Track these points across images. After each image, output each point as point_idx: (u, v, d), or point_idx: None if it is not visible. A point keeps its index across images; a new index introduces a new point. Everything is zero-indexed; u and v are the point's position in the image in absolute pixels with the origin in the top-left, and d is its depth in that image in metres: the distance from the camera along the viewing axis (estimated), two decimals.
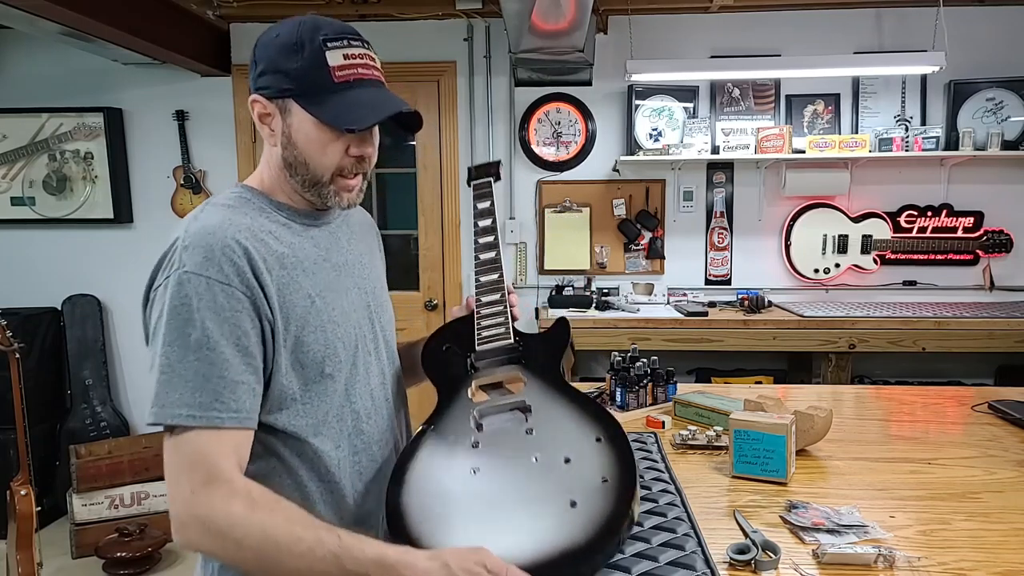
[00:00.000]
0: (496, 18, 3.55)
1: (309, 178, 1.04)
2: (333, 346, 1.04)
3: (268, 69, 1.02)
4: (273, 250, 1.00)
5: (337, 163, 1.04)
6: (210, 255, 0.93)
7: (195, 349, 0.91)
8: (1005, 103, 3.46)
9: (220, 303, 0.92)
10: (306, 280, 1.03)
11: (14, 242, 3.84)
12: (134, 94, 3.76)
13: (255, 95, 1.04)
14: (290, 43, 1.00)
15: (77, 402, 3.75)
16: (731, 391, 1.90)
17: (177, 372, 0.90)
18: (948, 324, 3.14)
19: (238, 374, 0.93)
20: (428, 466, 1.02)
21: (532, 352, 1.21)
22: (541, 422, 1.06)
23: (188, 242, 0.94)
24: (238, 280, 0.94)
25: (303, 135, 1.02)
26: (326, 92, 1.00)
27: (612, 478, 0.95)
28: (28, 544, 2.47)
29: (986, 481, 1.40)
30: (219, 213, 1.00)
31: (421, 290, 3.84)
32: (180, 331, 0.91)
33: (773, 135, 3.38)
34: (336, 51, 1.00)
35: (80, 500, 3.24)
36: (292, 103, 1.01)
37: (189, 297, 0.91)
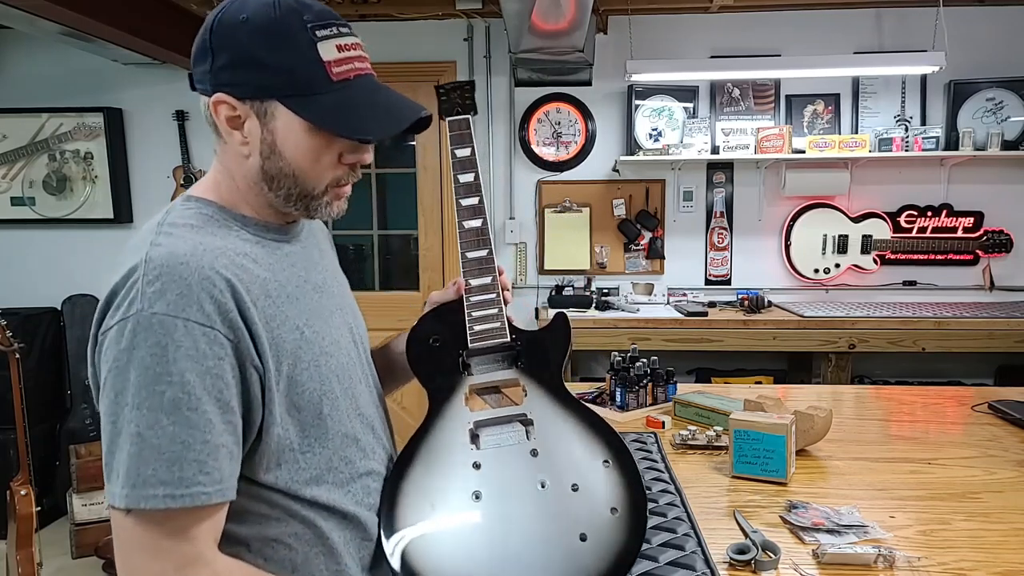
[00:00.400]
0: (496, 18, 3.55)
1: (297, 191, 0.88)
2: (328, 382, 0.91)
3: (238, 61, 0.83)
4: (255, 276, 0.85)
5: (332, 173, 0.89)
6: (186, 291, 0.76)
7: (171, 410, 0.74)
8: (1005, 103, 3.46)
9: (202, 350, 0.76)
10: (292, 309, 0.89)
11: (14, 242, 3.84)
12: (134, 94, 3.76)
13: (221, 94, 0.84)
14: (269, 29, 0.82)
15: (77, 402, 3.75)
16: (731, 391, 1.90)
17: (149, 442, 0.73)
18: (948, 324, 3.14)
19: (219, 435, 0.77)
20: (426, 489, 0.94)
21: (531, 353, 1.11)
22: (545, 441, 0.98)
23: (155, 274, 0.76)
24: (220, 321, 0.78)
25: (292, 143, 0.85)
26: (320, 93, 0.84)
27: (622, 508, 0.92)
28: (28, 544, 2.47)
29: (986, 481, 1.40)
30: (186, 236, 0.82)
31: (421, 290, 3.83)
32: (150, 389, 0.74)
33: (773, 135, 3.38)
34: (328, 42, 0.84)
35: (80, 500, 3.24)
36: (277, 105, 0.84)
37: (162, 346, 0.74)
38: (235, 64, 0.83)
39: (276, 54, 0.82)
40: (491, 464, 0.96)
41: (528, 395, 1.05)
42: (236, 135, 0.86)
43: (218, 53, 0.83)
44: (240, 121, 0.85)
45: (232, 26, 0.83)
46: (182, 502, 0.74)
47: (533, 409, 1.03)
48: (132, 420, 0.74)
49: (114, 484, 0.75)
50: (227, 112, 0.85)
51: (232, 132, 0.86)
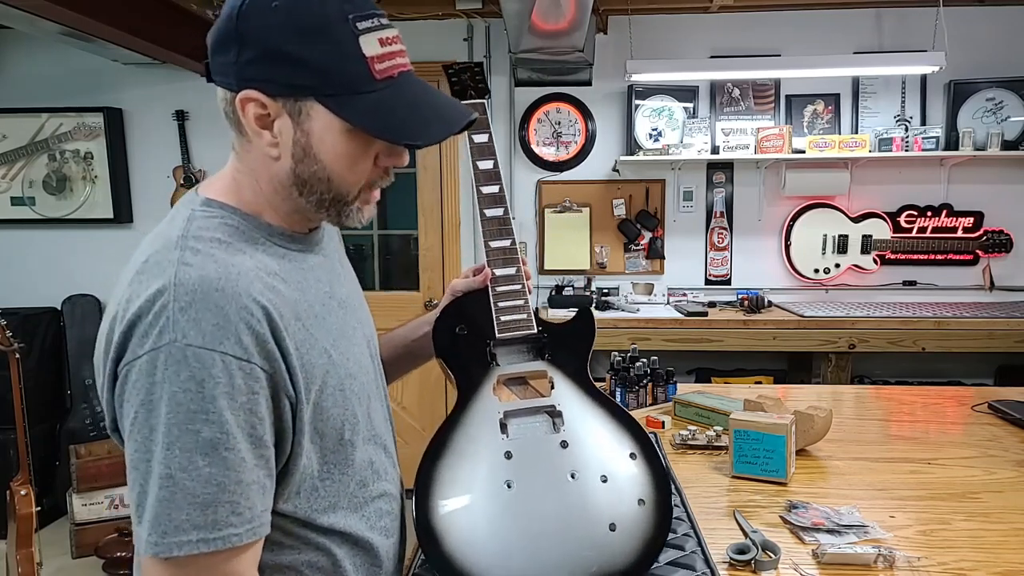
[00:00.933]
0: (496, 18, 3.55)
1: (331, 196, 0.81)
2: (351, 405, 0.85)
3: (271, 55, 0.74)
4: (285, 299, 0.78)
5: (367, 177, 0.82)
6: (223, 322, 0.70)
7: (207, 451, 0.69)
8: (1005, 103, 3.46)
9: (238, 386, 0.70)
10: (320, 330, 0.83)
11: (14, 242, 3.84)
12: (134, 94, 3.76)
13: (250, 91, 0.75)
14: (306, 20, 0.73)
15: (77, 402, 3.75)
16: (731, 391, 1.90)
17: (182, 485, 0.68)
18: (948, 324, 3.14)
19: (252, 472, 0.73)
20: (459, 477, 0.95)
21: (557, 346, 1.11)
22: (574, 432, 0.99)
23: (187, 300, 0.70)
24: (258, 353, 0.72)
25: (329, 146, 0.77)
26: (364, 92, 0.75)
27: (649, 500, 0.94)
28: (28, 544, 2.47)
29: (986, 481, 1.40)
30: (216, 254, 0.75)
31: (421, 290, 3.83)
32: (184, 427, 0.68)
33: (773, 135, 3.38)
34: (370, 35, 0.75)
35: (80, 500, 3.24)
36: (314, 105, 0.75)
37: (198, 381, 0.68)
38: (266, 58, 0.74)
39: (314, 48, 0.73)
40: (522, 454, 0.97)
41: (555, 387, 1.06)
42: (265, 135, 0.78)
43: (245, 44, 0.74)
44: (270, 120, 0.77)
45: (262, 13, 0.73)
46: (215, 545, 0.70)
47: (561, 401, 1.04)
48: (164, 461, 0.68)
49: (143, 529, 0.70)
50: (256, 110, 0.77)
51: (261, 132, 0.78)
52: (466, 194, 3.75)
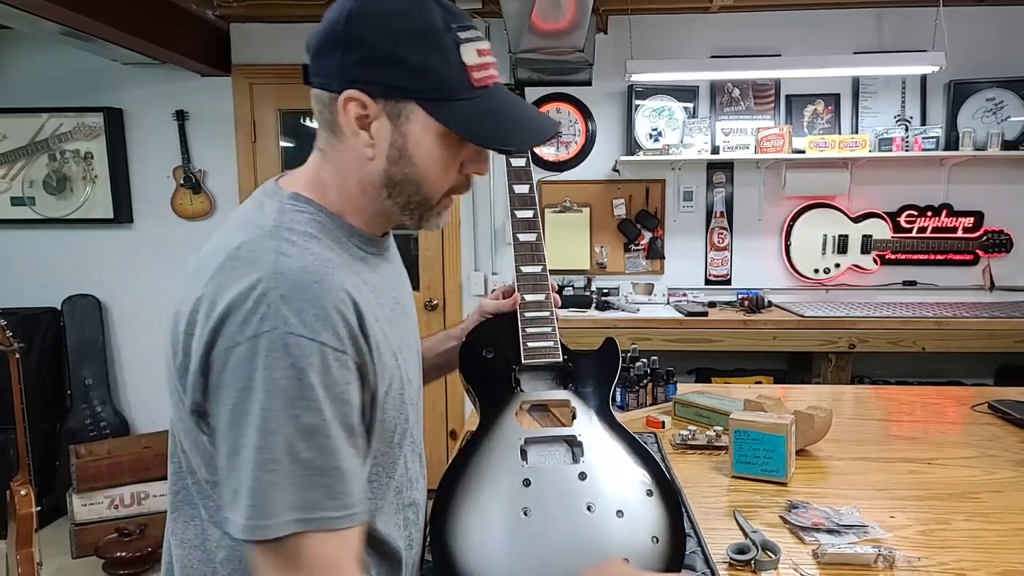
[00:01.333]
0: (496, 18, 3.55)
1: (418, 199, 0.83)
2: (405, 411, 0.87)
3: (379, 57, 0.76)
4: (368, 298, 0.80)
5: (452, 183, 0.85)
6: (322, 313, 0.72)
7: (306, 436, 0.70)
8: (1005, 103, 3.46)
9: (334, 375, 0.72)
10: (392, 333, 0.85)
11: (14, 242, 3.84)
12: (134, 94, 3.76)
13: (353, 90, 0.77)
14: (416, 26, 0.76)
15: (77, 402, 3.75)
16: (731, 391, 1.90)
17: (283, 468, 0.69)
18: (948, 324, 3.14)
19: (346, 460, 0.74)
20: (477, 501, 0.95)
21: (581, 375, 1.12)
22: (593, 465, 0.99)
23: (286, 290, 0.71)
24: (351, 345, 0.74)
25: (424, 149, 0.80)
26: (462, 99, 0.79)
27: (663, 539, 0.94)
28: (28, 544, 2.47)
29: (986, 481, 1.40)
30: (311, 248, 0.77)
31: (421, 290, 3.84)
32: (285, 413, 0.69)
33: (773, 135, 3.38)
34: (470, 45, 0.79)
35: (80, 500, 3.24)
36: (414, 108, 0.78)
37: (299, 368, 0.70)
38: (374, 60, 0.76)
39: (421, 53, 0.76)
40: (540, 482, 0.97)
41: (577, 417, 1.06)
42: (363, 135, 0.80)
43: (354, 46, 0.77)
44: (368, 121, 0.79)
45: (373, 18, 0.76)
46: (311, 526, 0.70)
47: (582, 432, 1.04)
48: (265, 446, 0.69)
49: (239, 513, 0.70)
50: (357, 111, 0.79)
51: (359, 132, 0.80)
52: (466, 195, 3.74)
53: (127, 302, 3.86)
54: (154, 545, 3.10)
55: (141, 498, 3.30)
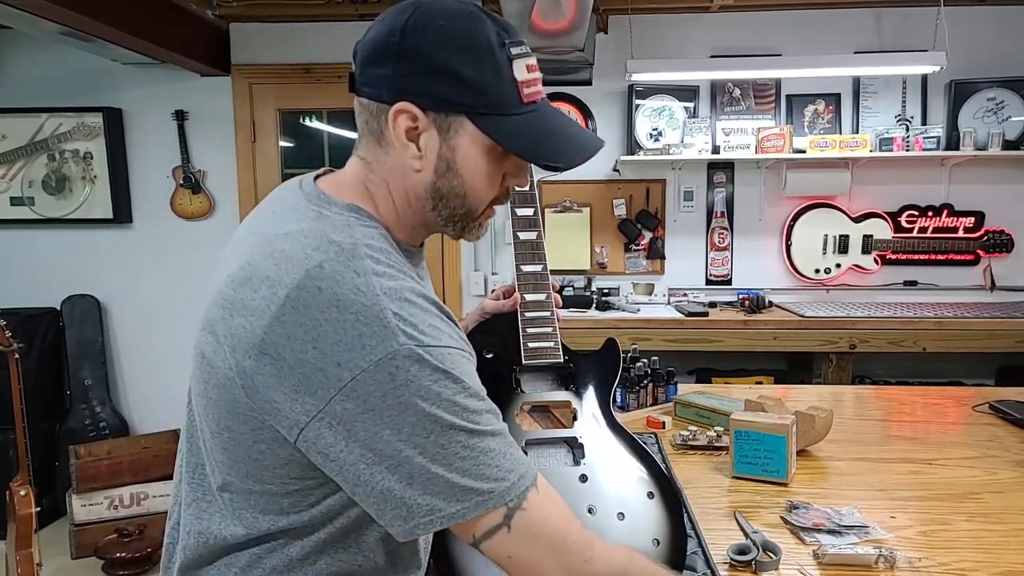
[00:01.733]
0: None
1: (463, 212, 0.84)
2: None
3: (433, 70, 0.76)
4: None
5: (494, 195, 0.86)
6: (434, 323, 0.75)
7: (476, 420, 0.75)
8: (1006, 103, 3.45)
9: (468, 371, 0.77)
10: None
11: (13, 242, 3.84)
12: (134, 94, 3.75)
13: (405, 103, 0.77)
14: (471, 41, 0.77)
15: (76, 402, 3.75)
16: (731, 391, 1.90)
17: (490, 447, 0.75)
18: (949, 324, 3.13)
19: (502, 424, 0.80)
20: None
21: (582, 376, 1.11)
22: (594, 467, 0.99)
23: (398, 308, 0.72)
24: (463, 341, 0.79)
25: (472, 162, 0.80)
26: (513, 114, 0.80)
27: (664, 540, 0.94)
28: (27, 544, 2.47)
29: (987, 481, 1.40)
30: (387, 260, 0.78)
31: None
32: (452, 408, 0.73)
33: (773, 135, 3.38)
34: (521, 60, 0.80)
35: (79, 500, 3.24)
36: (464, 122, 0.78)
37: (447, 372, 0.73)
38: (428, 72, 0.77)
39: (475, 68, 0.77)
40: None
41: (578, 419, 1.05)
42: (411, 148, 0.79)
43: (407, 58, 0.77)
44: (417, 133, 0.79)
45: (430, 32, 0.76)
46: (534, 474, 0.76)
47: (583, 433, 1.03)
48: (444, 444, 0.72)
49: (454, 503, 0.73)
50: (407, 123, 0.78)
51: (408, 144, 0.79)
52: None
53: (127, 302, 3.86)
54: (154, 546, 3.10)
55: (141, 499, 3.30)
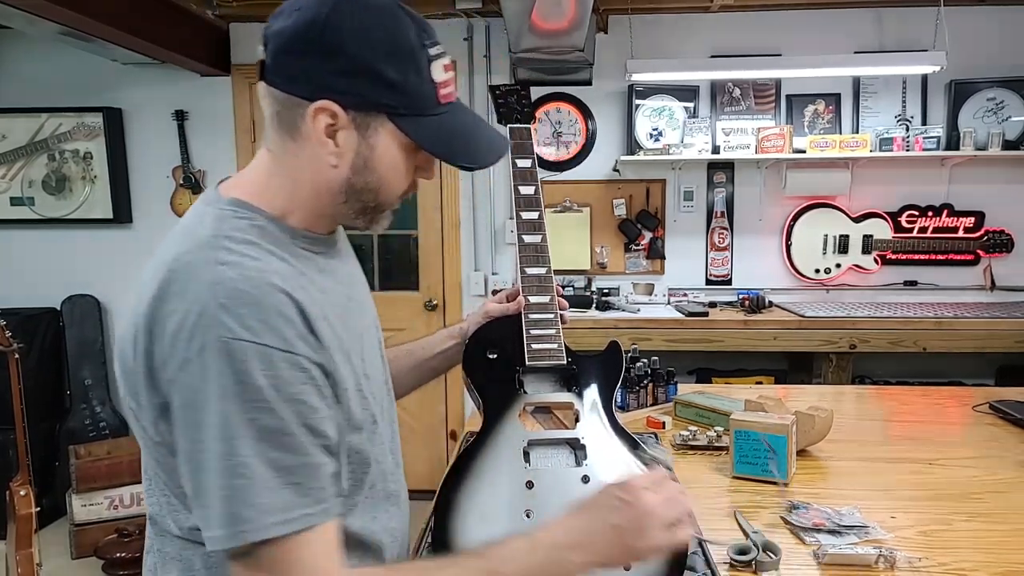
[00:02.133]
0: (496, 18, 3.55)
1: (375, 205, 0.85)
2: (369, 407, 0.88)
3: (358, 70, 0.76)
4: (314, 298, 0.80)
5: (406, 189, 0.87)
6: (264, 317, 0.72)
7: (267, 437, 0.71)
8: (1006, 103, 3.45)
9: (284, 377, 0.72)
10: (344, 332, 0.85)
11: (13, 242, 3.84)
12: (134, 94, 3.75)
13: (326, 101, 0.77)
14: (394, 41, 0.77)
15: (76, 402, 3.75)
16: (732, 391, 1.90)
17: (253, 472, 0.70)
18: (949, 324, 3.13)
19: (315, 456, 0.75)
20: (480, 504, 0.95)
21: (585, 378, 1.11)
22: (596, 468, 0.99)
23: (226, 298, 0.71)
24: (302, 345, 0.75)
25: (388, 160, 0.81)
26: (430, 115, 0.81)
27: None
28: (27, 544, 2.47)
29: (987, 481, 1.40)
30: (252, 253, 0.77)
31: (421, 290, 3.83)
32: (243, 417, 0.70)
33: (774, 135, 3.38)
34: (439, 61, 0.81)
35: (79, 500, 3.24)
36: (384, 121, 0.79)
37: (248, 373, 0.70)
38: (352, 72, 0.76)
39: (399, 69, 0.77)
40: (543, 485, 0.96)
41: (580, 420, 1.06)
42: (329, 144, 0.79)
43: (332, 55, 0.76)
44: (335, 130, 0.79)
45: (354, 30, 0.76)
46: (294, 527, 0.71)
47: (586, 435, 1.03)
48: (228, 454, 0.70)
49: (213, 525, 0.71)
50: (327, 120, 0.78)
51: (325, 142, 0.79)
52: (466, 195, 3.75)
53: (126, 302, 3.83)
54: None
55: (140, 499, 3.30)
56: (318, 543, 0.74)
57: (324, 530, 0.74)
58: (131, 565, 3.07)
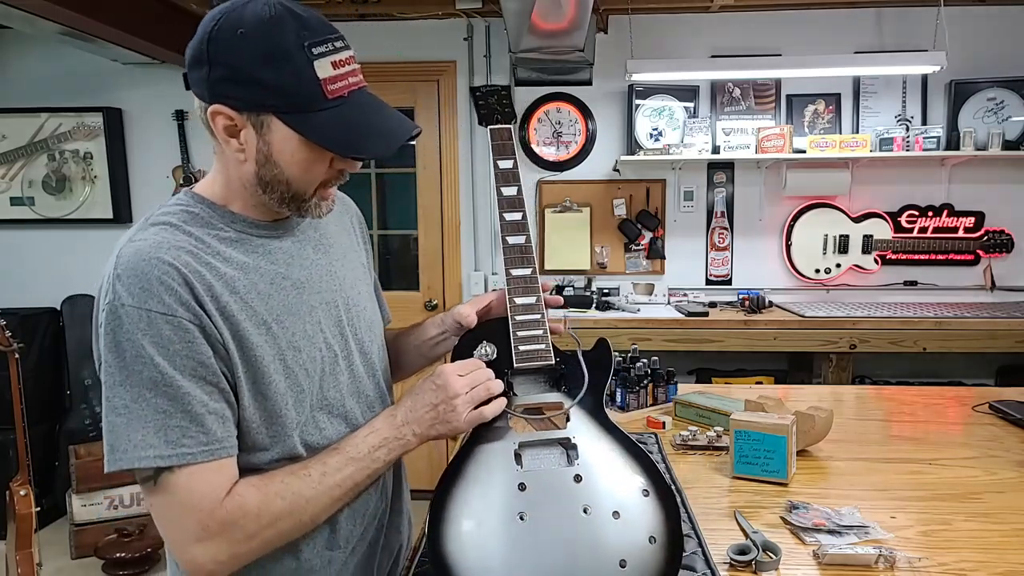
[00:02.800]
0: (496, 18, 3.55)
1: (290, 195, 0.93)
2: (294, 375, 0.95)
3: (237, 77, 0.85)
4: (220, 273, 0.90)
5: (323, 178, 0.94)
6: (147, 285, 0.83)
7: (150, 387, 0.83)
8: (1006, 103, 3.45)
9: (167, 336, 0.84)
10: (260, 304, 0.93)
11: (13, 242, 3.84)
12: (134, 94, 3.76)
13: (219, 105, 0.87)
14: (267, 47, 0.84)
15: (76, 402, 3.75)
16: (732, 391, 1.90)
17: (135, 413, 0.83)
18: (949, 324, 3.13)
19: (202, 405, 0.85)
20: (472, 507, 0.96)
21: (574, 377, 1.11)
22: (588, 467, 0.99)
23: (120, 270, 0.84)
24: (182, 309, 0.85)
25: (288, 154, 0.89)
26: (317, 110, 0.87)
27: (660, 538, 0.93)
28: (27, 544, 2.47)
29: (987, 482, 1.40)
30: (156, 234, 0.89)
31: (421, 290, 3.83)
32: (129, 369, 0.83)
33: (774, 135, 3.38)
34: (324, 59, 0.86)
35: (79, 500, 3.24)
36: (273, 119, 0.87)
37: (132, 333, 0.83)
38: (233, 79, 0.85)
39: (274, 73, 0.84)
40: (536, 486, 0.96)
41: (571, 419, 1.05)
42: (233, 142, 0.90)
43: (215, 65, 0.85)
44: (237, 130, 0.89)
45: (229, 40, 0.84)
46: (171, 461, 0.83)
47: (577, 434, 1.03)
48: (120, 396, 0.83)
49: (110, 454, 0.84)
50: (224, 122, 0.88)
51: (229, 140, 0.90)
52: (466, 194, 3.75)
53: None
54: (153, 545, 3.10)
55: (140, 498, 3.30)
56: (202, 477, 0.85)
57: (211, 467, 0.86)
58: (131, 565, 3.07)
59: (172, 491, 0.84)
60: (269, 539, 0.90)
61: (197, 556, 0.86)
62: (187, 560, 0.86)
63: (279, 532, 0.90)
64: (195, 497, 0.85)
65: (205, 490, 0.85)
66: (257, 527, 0.88)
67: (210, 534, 0.85)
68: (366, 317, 1.11)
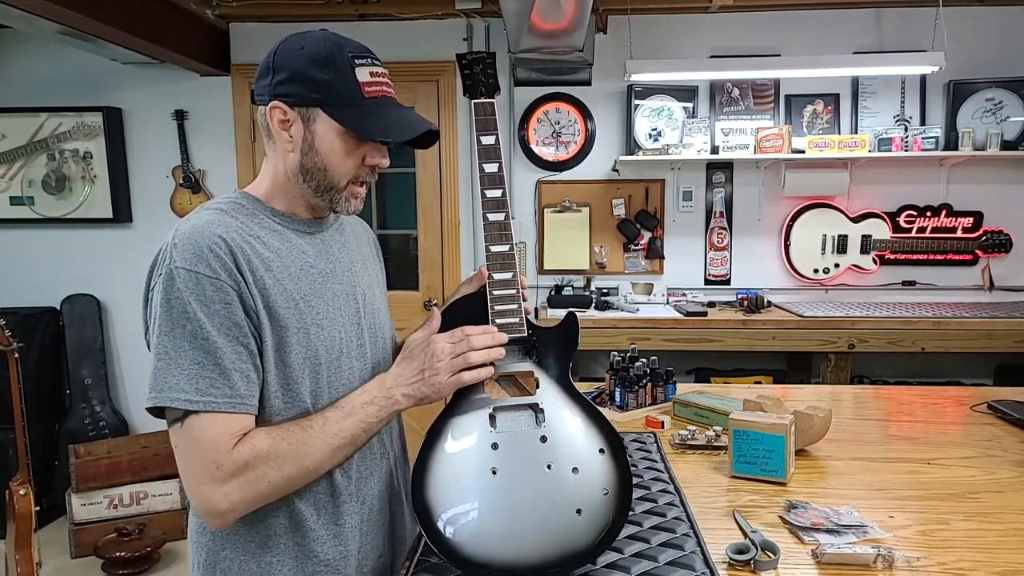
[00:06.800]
0: (496, 18, 3.55)
1: (325, 183, 1.09)
2: (314, 348, 1.07)
3: (293, 78, 1.05)
4: (259, 253, 1.04)
5: (354, 172, 1.09)
6: (199, 251, 0.98)
7: (190, 339, 0.96)
8: (1004, 103, 3.46)
9: (210, 296, 0.97)
10: (291, 284, 1.06)
11: (13, 242, 3.84)
12: (133, 94, 3.76)
13: (276, 102, 1.06)
14: (319, 55, 1.04)
15: (76, 402, 3.75)
16: (730, 391, 1.90)
17: (174, 360, 0.95)
18: (947, 324, 3.14)
19: (232, 362, 0.97)
20: (452, 461, 1.07)
21: (544, 348, 1.20)
22: (553, 428, 1.10)
23: (178, 240, 0.99)
24: (225, 275, 0.98)
25: (327, 143, 1.06)
26: (355, 105, 1.05)
27: (612, 490, 1.05)
28: (27, 544, 2.47)
29: (985, 481, 1.40)
30: (210, 215, 1.04)
31: (420, 290, 3.83)
32: (175, 322, 0.96)
33: (772, 135, 3.38)
34: (363, 68, 1.06)
35: (79, 500, 3.24)
36: (319, 112, 1.05)
37: (180, 291, 0.96)
38: (291, 79, 1.05)
39: (324, 73, 1.04)
40: (507, 445, 1.08)
41: (540, 386, 1.15)
42: (284, 135, 1.07)
43: (278, 71, 1.06)
44: (288, 124, 1.07)
45: (291, 53, 1.06)
46: (198, 406, 0.95)
47: (544, 399, 1.13)
48: (164, 344, 0.96)
49: (149, 392, 0.96)
50: (279, 116, 1.06)
51: (281, 132, 1.07)
52: (465, 194, 3.75)
53: (126, 302, 3.86)
54: (153, 545, 3.10)
55: (140, 498, 3.30)
56: (222, 424, 0.96)
57: (231, 418, 0.97)
58: (131, 564, 3.08)
59: (194, 433, 0.96)
60: (276, 483, 0.99)
61: (211, 495, 0.96)
62: (202, 500, 0.97)
63: (286, 476, 1.00)
64: (213, 438, 0.95)
65: (222, 435, 0.96)
66: (265, 469, 0.98)
67: (224, 473, 0.95)
68: (379, 316, 1.24)
